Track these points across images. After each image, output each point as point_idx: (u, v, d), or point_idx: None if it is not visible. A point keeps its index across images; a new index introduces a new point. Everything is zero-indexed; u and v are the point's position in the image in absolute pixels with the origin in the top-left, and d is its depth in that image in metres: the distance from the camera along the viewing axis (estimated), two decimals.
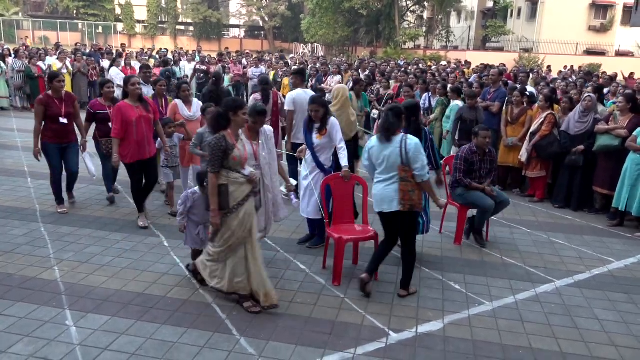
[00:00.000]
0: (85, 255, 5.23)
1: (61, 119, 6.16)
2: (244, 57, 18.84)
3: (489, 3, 40.44)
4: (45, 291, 4.46)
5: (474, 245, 6.02)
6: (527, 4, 37.41)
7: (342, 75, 12.88)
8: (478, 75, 11.85)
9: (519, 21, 38.07)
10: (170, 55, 19.55)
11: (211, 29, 53.77)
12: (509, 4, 37.70)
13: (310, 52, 40.52)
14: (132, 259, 5.19)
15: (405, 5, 38.35)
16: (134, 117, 5.74)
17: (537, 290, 4.92)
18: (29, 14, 53.74)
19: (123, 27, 53.09)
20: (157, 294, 4.51)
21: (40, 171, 8.26)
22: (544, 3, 35.14)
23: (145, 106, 5.93)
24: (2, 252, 5.19)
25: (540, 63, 27.39)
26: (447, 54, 31.69)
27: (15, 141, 10.42)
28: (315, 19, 38.24)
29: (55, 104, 6.15)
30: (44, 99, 6.12)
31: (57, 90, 6.19)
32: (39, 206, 6.65)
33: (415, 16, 42.49)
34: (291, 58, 22.92)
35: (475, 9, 41.80)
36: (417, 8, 39.90)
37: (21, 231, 5.78)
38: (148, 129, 5.92)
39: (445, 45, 38.34)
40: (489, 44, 39.05)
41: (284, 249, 5.59)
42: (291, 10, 50.60)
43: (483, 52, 34.01)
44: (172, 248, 5.50)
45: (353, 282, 4.87)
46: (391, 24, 35.39)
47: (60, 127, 6.20)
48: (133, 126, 5.73)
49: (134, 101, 5.84)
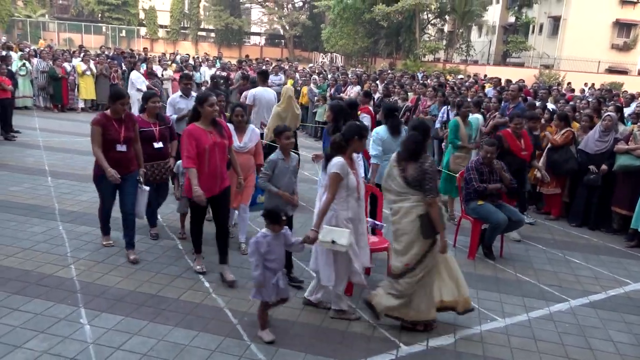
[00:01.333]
0: (101, 254, 5.31)
1: (119, 145, 5.12)
2: (264, 65, 18.98)
3: (511, 18, 40.32)
4: (61, 289, 4.53)
5: (488, 260, 5.98)
6: (549, 20, 37.25)
7: (361, 85, 12.91)
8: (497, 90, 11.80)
9: (541, 37, 37.90)
10: (192, 60, 19.79)
11: (232, 35, 54.32)
12: (531, 19, 37.57)
13: (329, 61, 40.67)
14: (146, 261, 5.25)
15: (426, 18, 38.38)
16: (207, 144, 4.66)
17: (551, 309, 4.87)
18: (55, 16, 54.83)
19: (146, 32, 53.87)
20: (170, 296, 4.56)
21: (60, 170, 8.43)
22: (566, 20, 34.95)
23: (220, 130, 4.84)
24: (20, 249, 5.29)
25: (561, 80, 27.19)
26: (467, 68, 31.59)
27: (37, 140, 10.61)
28: (336, 29, 38.44)
29: (114, 127, 5.09)
30: (102, 120, 5.07)
31: (117, 111, 5.13)
32: (57, 205, 6.76)
33: (435, 29, 42.49)
34: (310, 67, 23.01)
35: (497, 23, 41.70)
36: (438, 21, 39.89)
37: (40, 229, 5.88)
38: (222, 158, 4.84)
39: (465, 59, 38.25)
40: (509, 59, 38.89)
41: (297, 257, 5.60)
42: (312, 20, 50.92)
43: (503, 67, 33.88)
44: (186, 251, 5.55)
45: (365, 292, 4.86)
46: (411, 36, 35.44)
47: (118, 155, 5.13)
48: (205, 155, 4.65)
49: (206, 124, 4.75)
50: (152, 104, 5.72)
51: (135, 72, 12.44)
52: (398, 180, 4.18)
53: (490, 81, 17.32)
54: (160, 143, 5.71)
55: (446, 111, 9.74)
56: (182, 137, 4.74)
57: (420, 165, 4.08)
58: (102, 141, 5.06)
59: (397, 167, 4.21)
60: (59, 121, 13.10)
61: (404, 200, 4.15)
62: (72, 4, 58.88)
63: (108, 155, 5.08)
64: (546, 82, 24.83)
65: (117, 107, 5.09)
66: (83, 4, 54.24)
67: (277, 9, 53.36)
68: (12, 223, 5.98)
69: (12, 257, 5.09)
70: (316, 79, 14.80)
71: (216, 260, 5.01)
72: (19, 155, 9.26)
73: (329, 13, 40.00)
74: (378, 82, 13.70)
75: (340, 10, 36.91)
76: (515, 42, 36.11)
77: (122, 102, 5.12)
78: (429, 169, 4.05)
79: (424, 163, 4.08)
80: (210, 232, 5.26)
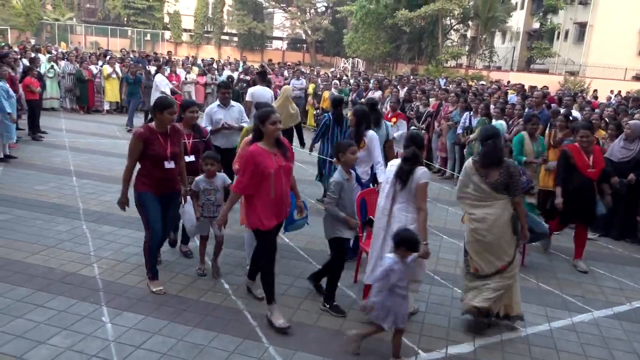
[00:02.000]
0: (124, 254, 5.39)
1: (167, 162, 4.56)
2: (286, 69, 19.08)
3: (535, 24, 39.87)
4: (84, 287, 4.61)
5: None
6: (575, 27, 36.70)
7: (382, 90, 12.89)
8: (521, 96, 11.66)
9: (566, 43, 37.35)
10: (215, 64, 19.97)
11: (255, 40, 54.77)
12: (556, 25, 37.08)
13: (351, 66, 40.71)
14: (168, 261, 5.31)
15: (449, 24, 38.19)
16: (272, 168, 4.09)
17: (574, 319, 4.79)
18: (82, 20, 55.96)
19: (170, 35, 54.62)
20: (190, 297, 4.60)
21: (85, 170, 8.58)
22: (592, 26, 34.40)
23: (284, 152, 4.29)
24: (45, 247, 5.39)
25: (587, 87, 26.77)
26: (490, 74, 31.32)
27: (63, 141, 10.82)
28: (358, 34, 38.47)
29: (160, 142, 4.51)
30: (146, 133, 4.48)
31: (163, 122, 4.55)
32: (82, 204, 6.88)
33: (458, 35, 42.25)
34: (332, 72, 23.05)
35: (521, 29, 41.25)
36: (461, 27, 39.67)
37: (64, 227, 5.99)
38: (287, 182, 4.31)
39: (488, 65, 37.91)
40: (533, 66, 38.43)
41: (316, 261, 5.61)
42: (334, 25, 51.06)
43: (527, 73, 33.48)
44: (207, 253, 5.58)
45: None
46: (434, 42, 35.29)
47: (165, 173, 4.58)
48: (271, 180, 4.09)
49: (270, 145, 4.19)
50: (190, 114, 5.22)
51: (159, 75, 12.57)
52: (482, 186, 4.35)
53: (513, 87, 17.14)
54: (192, 157, 5.20)
55: (468, 117, 9.67)
56: (242, 158, 4.26)
57: (506, 170, 4.32)
58: (145, 156, 4.50)
59: (477, 175, 4.38)
60: (85, 122, 13.35)
61: (489, 206, 4.35)
62: (99, 8, 60.05)
63: (153, 173, 4.54)
64: (571, 89, 24.46)
65: (165, 117, 4.51)
66: (110, 8, 55.28)
67: (299, 14, 53.64)
68: (38, 221, 6.11)
69: (37, 254, 5.20)
70: (337, 83, 14.82)
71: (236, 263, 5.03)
72: (46, 156, 9.45)
73: (352, 18, 40.06)
74: (399, 87, 13.66)
75: (362, 16, 36.94)
76: (540, 48, 35.67)
77: (170, 111, 4.52)
78: (514, 172, 4.32)
79: (509, 167, 4.33)
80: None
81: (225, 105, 6.53)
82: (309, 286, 4.93)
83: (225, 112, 6.49)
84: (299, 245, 6.04)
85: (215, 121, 6.39)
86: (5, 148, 8.95)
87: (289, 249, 5.95)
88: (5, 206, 6.55)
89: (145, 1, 51.47)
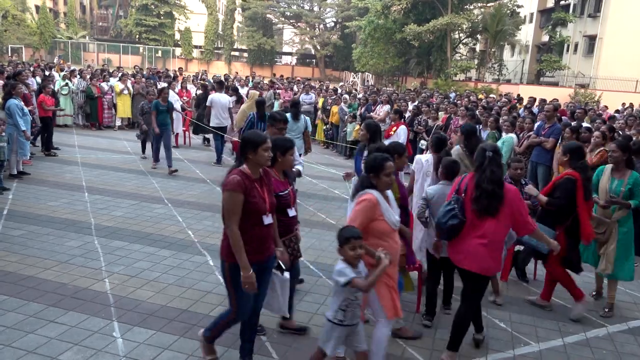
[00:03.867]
0: (135, 269, 5.42)
1: (265, 217, 3.53)
2: (295, 84, 19.21)
3: (545, 37, 39.86)
4: (96, 302, 4.64)
5: (521, 282, 5.86)
6: (584, 39, 36.65)
7: (391, 104, 12.92)
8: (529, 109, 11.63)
9: (575, 56, 37.27)
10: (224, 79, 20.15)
11: (264, 55, 55.23)
12: (566, 38, 37.01)
13: (361, 81, 40.88)
14: (178, 276, 5.33)
15: (458, 38, 38.28)
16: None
17: (588, 334, 4.73)
18: (95, 37, 56.87)
19: (181, 52, 55.29)
20: (200, 311, 4.60)
21: (96, 186, 8.65)
22: (602, 39, 34.32)
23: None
24: (57, 262, 5.44)
25: (597, 99, 26.65)
26: (499, 87, 31.29)
27: (76, 157, 10.94)
28: (367, 48, 38.66)
29: (258, 191, 3.48)
30: (243, 182, 3.39)
31: (258, 164, 3.51)
32: (93, 220, 6.94)
33: (467, 48, 42.31)
34: (341, 86, 23.18)
35: (530, 43, 41.28)
36: (469, 40, 39.75)
37: (76, 243, 6.04)
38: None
39: (498, 79, 37.89)
40: (543, 79, 38.34)
41: (326, 275, 5.60)
42: (343, 40, 51.39)
43: (537, 86, 33.39)
44: (217, 267, 5.60)
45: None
46: (442, 55, 35.36)
47: (264, 231, 3.55)
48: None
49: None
50: (290, 157, 3.97)
51: (170, 91, 12.69)
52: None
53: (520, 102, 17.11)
54: (294, 209, 4.14)
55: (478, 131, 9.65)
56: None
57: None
58: (242, 211, 3.40)
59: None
60: (96, 139, 13.50)
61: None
62: (111, 26, 61.03)
63: (252, 233, 3.46)
64: (581, 101, 24.36)
65: (260, 157, 3.46)
66: (122, 26, 56.15)
67: (308, 30, 54.09)
68: (50, 237, 6.16)
69: (49, 270, 5.24)
70: (347, 97, 14.89)
71: None
72: (58, 172, 9.56)
73: (360, 33, 40.27)
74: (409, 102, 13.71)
75: (371, 30, 37.14)
76: (549, 61, 35.57)
77: (266, 147, 3.48)
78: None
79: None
80: None
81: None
82: (319, 301, 4.92)
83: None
84: (309, 260, 6.03)
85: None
86: (19, 164, 9.08)
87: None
88: (18, 222, 6.63)
89: (157, 19, 52.25)
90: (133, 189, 8.68)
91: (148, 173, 9.89)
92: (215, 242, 6.36)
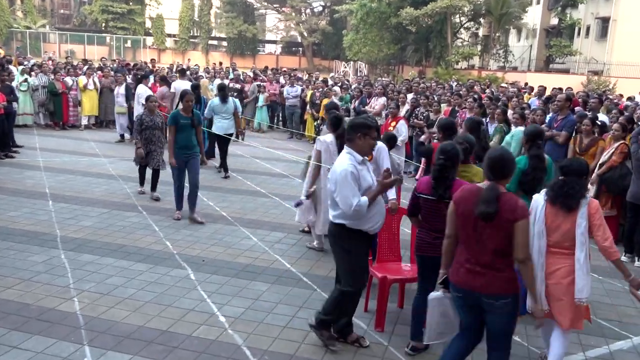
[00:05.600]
0: (107, 286, 5.35)
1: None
2: (281, 75, 19.17)
3: (554, 20, 40.14)
4: (64, 324, 4.57)
5: None
6: (596, 22, 36.96)
7: (387, 97, 12.92)
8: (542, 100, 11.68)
9: (587, 40, 37.57)
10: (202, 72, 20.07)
11: (245, 44, 55.09)
12: (576, 21, 37.28)
13: (353, 71, 40.89)
14: (155, 293, 5.27)
15: (459, 22, 38.44)
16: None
17: (611, 347, 4.75)
18: (56, 27, 56.43)
19: (153, 41, 55.03)
20: (182, 332, 4.56)
21: (62, 193, 8.56)
22: (616, 21, 34.65)
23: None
24: (20, 280, 5.36)
25: (612, 87, 26.88)
26: (505, 75, 31.47)
27: (37, 161, 10.81)
28: (359, 35, 38.71)
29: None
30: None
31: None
32: (59, 231, 6.86)
33: (469, 33, 42.51)
34: (331, 77, 23.17)
35: (538, 26, 41.52)
36: (471, 25, 39.92)
37: (40, 258, 5.96)
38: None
39: (503, 66, 38.12)
40: (553, 65, 38.62)
41: (320, 288, 5.57)
42: (333, 26, 51.40)
43: (546, 73, 33.63)
44: (199, 282, 5.56)
45: (398, 328, 4.82)
46: (442, 42, 35.48)
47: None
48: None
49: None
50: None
51: (142, 85, 12.64)
52: None
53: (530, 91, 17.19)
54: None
55: (485, 123, 9.66)
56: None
57: None
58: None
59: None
60: (61, 140, 13.37)
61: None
62: (74, 14, 60.62)
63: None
64: (595, 89, 24.57)
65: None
66: (86, 14, 55.79)
67: (294, 15, 54.05)
68: (11, 252, 6.08)
69: (11, 289, 5.16)
70: (337, 90, 14.86)
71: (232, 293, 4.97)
72: (18, 177, 9.45)
73: (351, 18, 40.35)
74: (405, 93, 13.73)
75: (363, 15, 37.20)
76: (559, 46, 35.84)
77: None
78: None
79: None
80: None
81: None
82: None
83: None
84: (301, 271, 6.00)
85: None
86: None
87: (290, 274, 5.91)
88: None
89: (125, 5, 51.96)
90: (103, 195, 8.60)
91: (119, 177, 9.80)
92: (196, 254, 6.32)
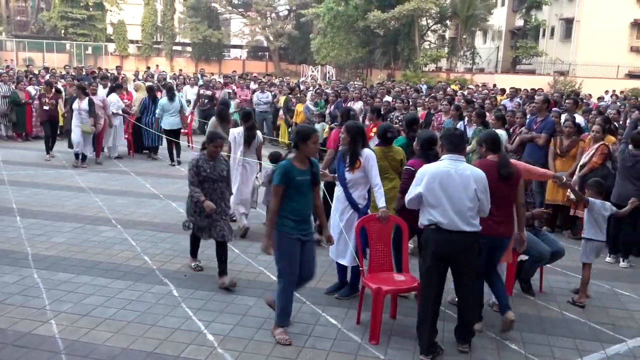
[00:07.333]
0: (85, 306, 5.13)
1: None
2: (252, 81, 19.00)
3: (519, 22, 40.93)
4: (42, 349, 4.35)
5: (527, 296, 5.86)
6: (560, 23, 37.83)
7: (363, 101, 12.88)
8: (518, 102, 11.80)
9: (552, 41, 38.42)
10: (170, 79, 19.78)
11: (210, 49, 54.66)
12: (541, 22, 38.09)
13: (321, 75, 40.90)
14: (138, 312, 5.07)
15: (426, 24, 38.86)
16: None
17: (608, 352, 4.75)
18: (12, 34, 55.00)
19: (115, 48, 54.14)
20: (169, 353, 4.39)
21: (30, 208, 8.25)
22: (579, 22, 35.50)
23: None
24: None
25: (578, 87, 27.50)
26: (473, 77, 31.91)
27: (1, 174, 10.42)
28: (327, 38, 38.75)
29: None
30: None
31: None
32: (30, 249, 6.58)
33: (436, 36, 43.03)
34: (302, 82, 23.09)
35: (503, 28, 42.28)
36: (438, 27, 40.40)
37: (12, 278, 5.69)
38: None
39: (470, 68, 38.68)
40: (519, 66, 39.35)
41: (310, 300, 5.45)
42: (299, 30, 51.42)
43: (513, 74, 34.24)
44: (183, 298, 5.38)
45: (393, 340, 4.73)
46: (410, 44, 35.81)
47: None
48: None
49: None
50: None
51: (114, 95, 12.49)
52: None
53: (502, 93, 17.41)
54: None
55: (463, 127, 9.70)
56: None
57: None
58: None
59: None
60: (25, 152, 12.95)
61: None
62: (32, 21, 59.18)
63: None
64: (561, 89, 25.08)
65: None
66: (44, 20, 54.52)
67: (259, 19, 53.88)
68: None
69: None
70: (312, 94, 14.77)
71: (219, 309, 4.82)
72: None
73: (318, 22, 40.37)
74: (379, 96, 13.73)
75: (330, 19, 37.28)
76: (525, 47, 36.56)
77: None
78: None
79: None
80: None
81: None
82: (305, 332, 4.78)
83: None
84: None
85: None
86: None
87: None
88: None
89: (85, 11, 50.91)
90: (74, 209, 8.31)
91: (90, 190, 9.50)
92: (177, 268, 6.13)
